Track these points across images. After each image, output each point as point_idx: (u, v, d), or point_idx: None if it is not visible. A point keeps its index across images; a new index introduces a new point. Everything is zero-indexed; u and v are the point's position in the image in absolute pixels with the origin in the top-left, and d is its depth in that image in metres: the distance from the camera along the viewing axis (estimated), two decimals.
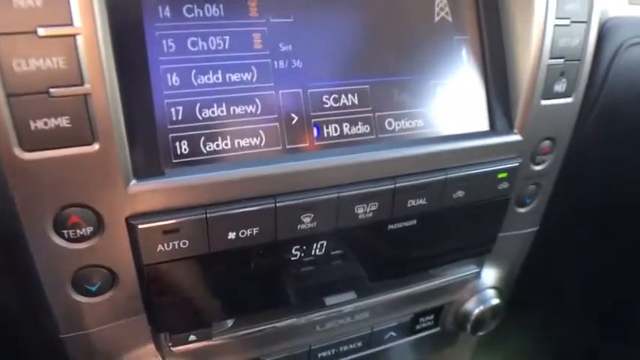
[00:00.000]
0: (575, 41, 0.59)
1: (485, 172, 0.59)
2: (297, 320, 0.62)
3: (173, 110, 0.47)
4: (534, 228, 0.73)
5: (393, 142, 0.55)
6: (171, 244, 0.47)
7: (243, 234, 0.49)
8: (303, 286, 0.58)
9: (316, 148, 0.52)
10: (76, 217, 0.44)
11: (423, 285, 0.68)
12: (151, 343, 0.55)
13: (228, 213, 0.48)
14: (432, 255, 0.64)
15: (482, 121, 0.60)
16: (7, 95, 0.38)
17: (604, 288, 1.04)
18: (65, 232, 0.44)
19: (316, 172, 0.51)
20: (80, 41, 0.39)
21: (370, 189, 0.53)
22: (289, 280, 0.56)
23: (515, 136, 0.60)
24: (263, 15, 0.49)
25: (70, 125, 0.40)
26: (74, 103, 0.40)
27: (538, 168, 0.65)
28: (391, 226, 0.57)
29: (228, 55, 0.48)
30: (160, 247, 0.47)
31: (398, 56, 0.55)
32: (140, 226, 0.45)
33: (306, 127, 0.52)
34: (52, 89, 0.39)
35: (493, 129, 0.60)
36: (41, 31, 0.38)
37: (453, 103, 0.58)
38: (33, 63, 0.38)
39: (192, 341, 0.57)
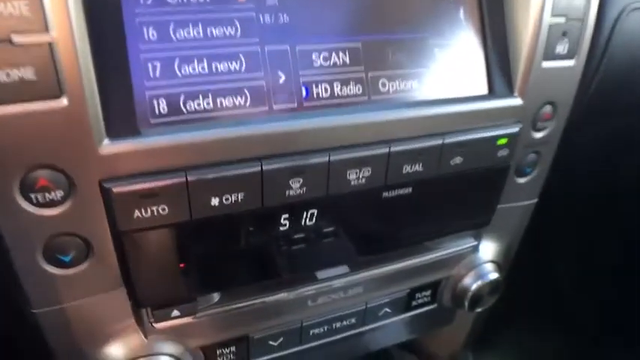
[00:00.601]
0: None
1: (485, 138, 0.56)
2: (288, 295, 0.58)
3: (150, 66, 0.43)
4: (534, 200, 0.70)
5: (387, 104, 0.52)
6: (149, 209, 0.44)
7: (227, 200, 0.46)
8: (293, 259, 0.54)
9: (305, 109, 0.48)
10: (45, 179, 0.40)
11: (418, 259, 0.65)
12: (132, 319, 0.52)
13: (210, 177, 0.44)
14: (428, 226, 0.61)
15: (480, 85, 0.57)
16: None
17: (602, 269, 1.03)
18: (33, 196, 0.40)
19: (305, 134, 0.47)
20: None
21: (363, 153, 0.50)
22: (278, 252, 0.53)
23: (516, 100, 0.57)
24: None
25: (35, 77, 0.37)
26: (39, 51, 0.36)
27: (539, 135, 0.62)
28: (386, 194, 0.54)
29: (209, 8, 0.45)
30: (137, 214, 0.43)
31: (392, 13, 0.52)
32: (114, 190, 0.42)
33: (294, 86, 0.48)
34: (14, 36, 0.35)
35: (492, 92, 0.57)
36: None
37: (449, 64, 0.55)
38: None
39: (176, 317, 0.53)
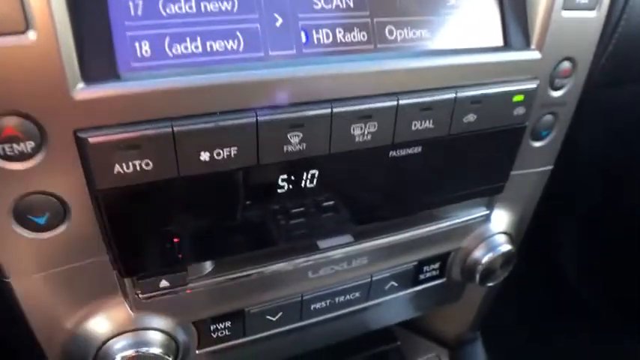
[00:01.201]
0: None
1: (500, 94, 0.52)
2: (286, 265, 0.54)
3: (131, 3, 0.38)
4: (549, 167, 0.65)
5: (394, 53, 0.47)
6: (131, 164, 0.39)
7: (219, 155, 0.41)
8: (291, 226, 0.50)
9: (304, 55, 0.44)
10: (12, 128, 0.36)
11: (427, 228, 0.61)
12: (117, 290, 0.48)
13: (200, 127, 0.40)
14: (437, 192, 0.56)
15: (495, 36, 0.52)
16: None
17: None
18: (0, 147, 0.36)
19: (305, 83, 0.43)
20: None
21: (369, 105, 0.45)
22: (276, 218, 0.49)
23: (533, 53, 0.53)
24: None
25: None
26: None
27: (556, 94, 0.58)
28: (393, 154, 0.49)
29: None
30: (118, 168, 0.39)
31: None
32: (91, 140, 0.37)
33: (293, 30, 0.43)
34: None
35: (508, 44, 0.53)
36: None
37: (462, 13, 0.50)
38: None
39: (165, 288, 0.49)
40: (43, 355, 0.49)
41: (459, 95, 0.49)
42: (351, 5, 0.45)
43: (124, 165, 0.39)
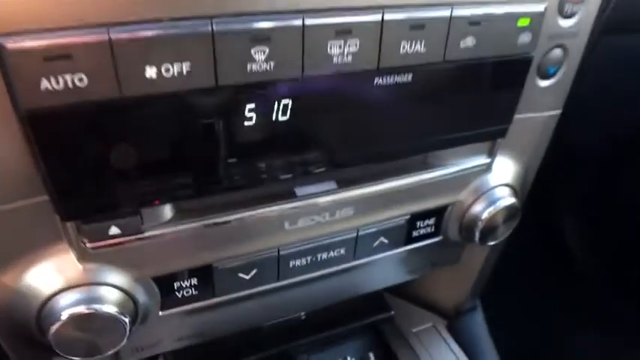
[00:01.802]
0: None
1: (502, 15, 0.45)
2: (258, 213, 0.48)
3: None
4: (557, 111, 0.59)
5: None
6: (62, 78, 0.32)
7: (168, 71, 0.35)
8: (261, 167, 0.44)
9: None
10: None
11: (420, 177, 0.54)
12: (61, 237, 0.41)
13: (143, 35, 0.33)
14: (431, 132, 0.50)
15: None
16: None
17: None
18: None
19: None
20: None
21: (348, 18, 0.39)
22: (242, 156, 0.42)
23: None
24: None
25: None
26: None
27: (566, 23, 0.51)
28: (379, 81, 0.43)
29: None
30: (46, 84, 0.32)
31: None
32: (9, 46, 0.31)
33: None
34: None
35: None
36: None
37: None
38: None
39: (116, 236, 0.42)
40: None
41: (455, 13, 0.42)
42: None
43: (52, 79, 0.32)
